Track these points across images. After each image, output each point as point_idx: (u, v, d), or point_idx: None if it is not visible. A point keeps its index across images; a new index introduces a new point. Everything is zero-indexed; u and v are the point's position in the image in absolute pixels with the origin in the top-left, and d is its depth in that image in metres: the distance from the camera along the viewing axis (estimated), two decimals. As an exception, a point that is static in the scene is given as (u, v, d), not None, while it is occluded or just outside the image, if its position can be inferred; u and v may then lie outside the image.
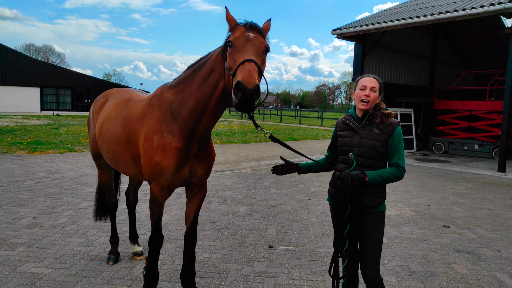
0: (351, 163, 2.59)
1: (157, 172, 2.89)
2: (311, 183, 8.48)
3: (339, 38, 14.00)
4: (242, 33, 2.44)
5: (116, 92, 3.95)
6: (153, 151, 2.89)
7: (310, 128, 29.67)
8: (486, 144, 13.95)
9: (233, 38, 2.44)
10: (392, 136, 2.59)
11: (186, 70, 2.96)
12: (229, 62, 2.43)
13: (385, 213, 2.70)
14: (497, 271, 4.12)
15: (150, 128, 2.96)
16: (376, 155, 2.58)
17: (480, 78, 18.66)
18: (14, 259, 4.00)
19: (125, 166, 3.38)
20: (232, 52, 2.42)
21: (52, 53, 76.55)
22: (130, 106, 3.38)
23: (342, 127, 2.79)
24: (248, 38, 2.41)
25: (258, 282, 3.68)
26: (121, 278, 3.69)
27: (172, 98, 2.94)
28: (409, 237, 5.09)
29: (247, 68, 2.23)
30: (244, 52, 2.35)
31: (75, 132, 18.07)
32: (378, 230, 2.62)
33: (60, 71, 39.99)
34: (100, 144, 3.63)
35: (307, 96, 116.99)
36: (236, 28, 2.50)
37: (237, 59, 2.35)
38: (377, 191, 2.60)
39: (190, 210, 3.25)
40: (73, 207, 6.02)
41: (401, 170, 2.56)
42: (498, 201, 7.38)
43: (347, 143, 2.67)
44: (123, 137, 3.25)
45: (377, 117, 2.62)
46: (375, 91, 2.62)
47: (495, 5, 9.91)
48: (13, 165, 9.44)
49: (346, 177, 2.53)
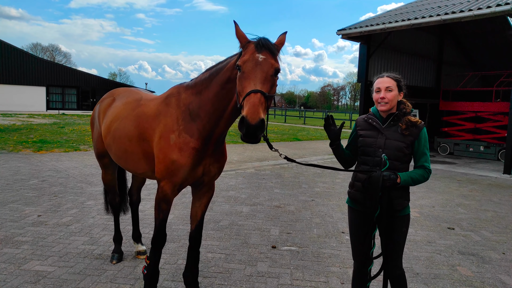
0: (384, 164, 2.51)
1: (172, 170, 2.90)
2: (315, 184, 8.46)
3: (344, 38, 13.96)
4: (251, 55, 2.36)
5: (124, 91, 3.96)
6: (169, 149, 2.90)
7: (315, 128, 29.61)
8: (492, 145, 13.85)
9: (241, 61, 2.37)
10: (418, 138, 2.55)
11: (204, 72, 2.96)
12: (238, 87, 2.40)
13: (409, 216, 2.67)
14: (501, 273, 4.08)
15: (167, 126, 2.97)
16: (402, 157, 2.54)
17: (487, 79, 18.52)
18: (18, 257, 4.03)
19: (136, 163, 3.38)
20: (241, 77, 2.37)
21: (58, 52, 77.22)
22: (143, 105, 3.39)
23: (364, 126, 2.70)
24: (257, 62, 2.33)
25: (261, 283, 3.68)
26: (124, 277, 3.71)
27: (190, 99, 2.95)
28: (413, 239, 5.06)
29: (252, 102, 2.20)
30: (252, 80, 2.30)
31: (80, 131, 18.17)
32: (402, 232, 2.60)
33: (65, 71, 40.25)
34: (108, 142, 3.64)
35: (311, 96, 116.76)
36: (247, 46, 2.42)
37: (244, 86, 2.32)
38: (403, 194, 2.57)
39: (198, 209, 3.27)
40: (78, 205, 6.05)
41: (428, 172, 2.55)
42: (503, 203, 7.32)
43: (371, 144, 2.60)
44: (136, 134, 3.26)
45: (403, 123, 2.55)
46: (392, 90, 2.56)
47: (502, 6, 9.83)
48: (18, 164, 9.52)
49: (377, 177, 2.46)
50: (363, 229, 2.63)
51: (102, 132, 3.78)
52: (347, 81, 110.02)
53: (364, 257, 2.68)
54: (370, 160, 2.61)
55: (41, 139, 14.53)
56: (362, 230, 2.65)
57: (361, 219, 2.68)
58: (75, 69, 43.26)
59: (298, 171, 10.10)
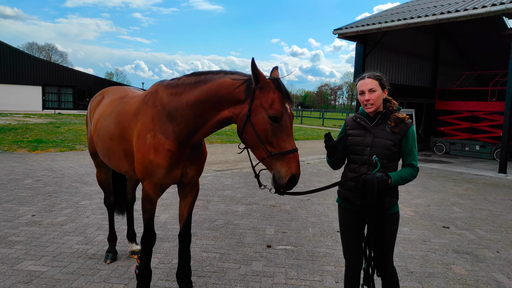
0: (375, 165, 2.49)
1: (150, 171, 2.89)
2: (311, 183, 8.46)
3: (340, 38, 13.98)
4: (283, 106, 2.41)
5: (113, 89, 3.96)
6: (145, 149, 2.88)
7: (312, 128, 29.65)
8: (488, 145, 13.91)
9: (277, 112, 2.38)
10: (406, 136, 2.55)
11: (190, 76, 2.86)
12: (270, 135, 2.40)
13: (398, 214, 2.67)
14: (495, 272, 4.10)
15: (144, 125, 2.94)
16: (389, 155, 2.54)
17: (482, 78, 18.59)
18: (12, 256, 4.01)
19: (118, 162, 3.37)
20: (277, 129, 2.39)
21: (55, 52, 76.71)
22: (125, 102, 3.36)
23: (353, 125, 2.71)
24: (290, 116, 2.46)
25: (255, 282, 3.67)
26: (118, 276, 3.69)
27: (168, 99, 2.87)
28: (408, 238, 5.07)
29: (297, 160, 2.39)
30: (290, 135, 2.43)
31: (76, 131, 18.10)
32: (391, 231, 2.60)
33: (62, 70, 40.06)
34: (95, 140, 3.64)
35: (309, 96, 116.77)
36: (268, 88, 2.43)
37: (283, 141, 2.39)
38: (391, 193, 2.57)
39: (183, 209, 3.25)
40: (72, 205, 6.02)
41: (416, 170, 2.57)
42: (498, 202, 7.35)
43: (359, 142, 2.61)
44: (117, 133, 3.24)
45: (391, 120, 2.57)
46: (375, 90, 2.57)
47: (497, 5, 9.87)
48: (13, 163, 9.46)
49: (372, 179, 2.43)
50: (354, 228, 2.62)
51: (92, 130, 3.78)
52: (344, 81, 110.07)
53: (356, 257, 2.66)
54: (358, 158, 2.62)
55: (37, 138, 14.46)
56: (352, 229, 2.64)
57: (351, 218, 2.68)
58: (72, 68, 43.08)
59: (295, 170, 10.09)
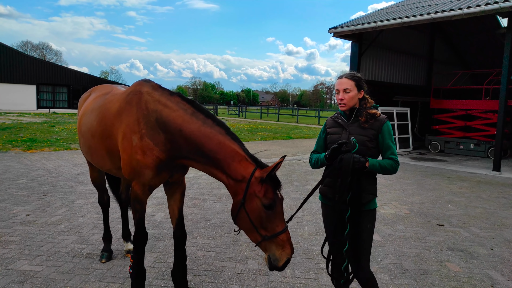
0: (353, 146, 2.49)
1: (138, 171, 2.87)
2: (307, 181, 8.48)
3: (335, 37, 13.99)
4: (274, 193, 2.57)
5: (100, 87, 3.97)
6: (132, 150, 2.85)
7: (307, 127, 29.68)
8: (482, 143, 14.00)
9: (271, 200, 2.54)
10: (381, 131, 2.59)
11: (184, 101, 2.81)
12: (264, 219, 2.54)
13: (375, 211, 2.69)
14: (489, 269, 4.13)
15: (129, 126, 2.89)
16: (365, 151, 2.56)
17: (477, 77, 18.71)
18: (6, 256, 3.98)
19: (100, 160, 3.35)
20: (271, 215, 2.55)
21: (49, 50, 76.20)
22: (107, 99, 3.31)
23: (332, 124, 2.79)
24: (282, 199, 2.64)
25: (251, 280, 3.68)
26: (114, 275, 3.68)
27: (155, 107, 2.82)
28: (403, 235, 5.10)
29: (290, 242, 2.56)
30: (283, 218, 2.61)
31: (71, 130, 18.00)
32: (367, 228, 2.60)
33: (56, 69, 39.76)
34: (79, 137, 3.64)
35: (304, 95, 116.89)
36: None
37: (277, 225, 2.56)
38: (366, 188, 2.59)
39: (174, 207, 3.24)
40: (67, 204, 5.99)
41: (396, 163, 2.58)
42: (492, 200, 7.41)
43: (336, 140, 2.65)
44: (99, 130, 3.21)
45: (362, 116, 2.62)
46: (350, 91, 2.62)
47: (491, 4, 9.93)
48: (7, 163, 9.39)
49: (348, 159, 2.44)
50: (332, 221, 2.61)
51: (77, 128, 3.79)
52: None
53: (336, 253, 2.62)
54: None
55: (31, 138, 14.36)
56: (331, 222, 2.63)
57: (332, 213, 2.68)
58: (66, 67, 42.72)
59: (290, 169, 10.12)
